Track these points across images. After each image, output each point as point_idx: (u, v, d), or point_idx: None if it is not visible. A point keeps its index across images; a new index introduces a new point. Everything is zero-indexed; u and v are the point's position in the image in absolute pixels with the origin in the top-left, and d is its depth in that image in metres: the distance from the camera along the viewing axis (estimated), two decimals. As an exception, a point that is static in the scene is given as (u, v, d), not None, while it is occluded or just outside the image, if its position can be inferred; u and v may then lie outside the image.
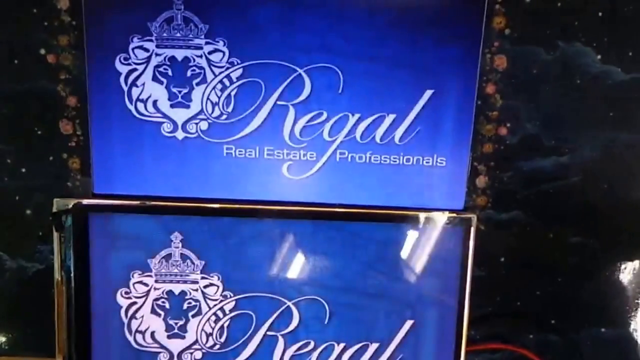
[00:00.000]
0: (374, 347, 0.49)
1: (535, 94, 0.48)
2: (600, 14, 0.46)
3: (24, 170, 0.49)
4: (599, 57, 0.47)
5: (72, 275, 0.48)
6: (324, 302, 0.49)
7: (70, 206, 0.47)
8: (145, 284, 0.48)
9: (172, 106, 0.46)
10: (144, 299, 0.48)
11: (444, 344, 0.50)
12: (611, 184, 0.50)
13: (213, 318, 0.49)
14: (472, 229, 0.48)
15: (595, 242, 0.51)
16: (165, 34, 0.45)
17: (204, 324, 0.49)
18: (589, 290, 0.52)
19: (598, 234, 0.50)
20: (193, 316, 0.49)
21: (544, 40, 0.46)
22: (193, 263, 0.48)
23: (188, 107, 0.46)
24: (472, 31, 0.46)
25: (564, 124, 0.48)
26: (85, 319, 0.49)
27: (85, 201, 0.48)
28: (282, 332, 0.49)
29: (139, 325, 0.49)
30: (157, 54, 0.45)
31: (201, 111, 0.46)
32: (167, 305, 0.49)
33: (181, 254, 0.48)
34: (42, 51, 0.46)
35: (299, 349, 0.50)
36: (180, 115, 0.47)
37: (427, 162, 0.48)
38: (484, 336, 0.52)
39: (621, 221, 0.50)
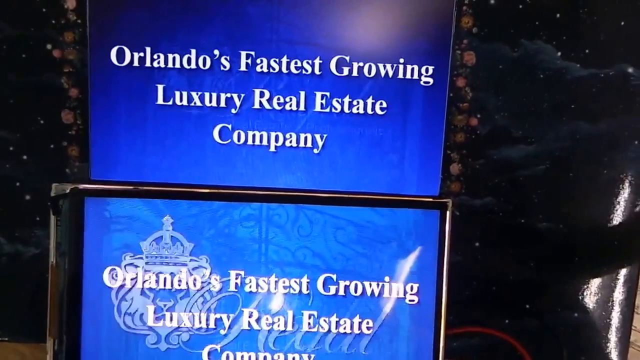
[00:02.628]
0: (356, 327, 0.51)
1: (502, 87, 0.50)
2: (558, 15, 0.50)
3: (25, 157, 0.50)
4: (559, 53, 0.50)
5: (66, 258, 0.50)
6: (306, 282, 0.51)
7: (68, 190, 0.50)
8: (136, 266, 0.50)
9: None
10: (134, 281, 0.50)
11: (424, 326, 0.51)
12: (576, 171, 0.52)
13: (200, 300, 0.50)
14: (448, 213, 0.50)
15: (563, 228, 0.52)
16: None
17: (192, 306, 0.50)
18: (559, 275, 0.53)
19: (565, 219, 0.52)
20: (181, 298, 0.50)
21: (508, 38, 0.50)
22: (182, 245, 0.50)
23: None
24: (443, 30, 0.50)
25: (529, 116, 0.51)
26: (77, 302, 0.50)
27: (82, 186, 0.50)
28: (267, 314, 0.51)
29: (128, 308, 0.50)
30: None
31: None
32: (156, 288, 0.50)
33: (171, 236, 0.49)
34: (49, 46, 0.49)
35: (284, 330, 0.51)
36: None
37: (403, 150, 0.51)
38: (461, 321, 0.53)
39: (586, 207, 0.52)
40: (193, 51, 0.49)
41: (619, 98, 0.51)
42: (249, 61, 0.49)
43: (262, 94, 0.50)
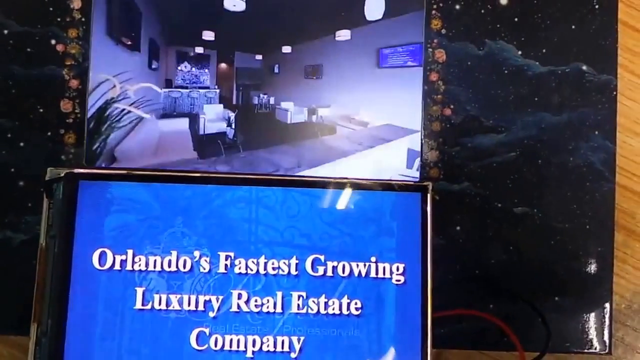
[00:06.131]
0: (344, 307, 0.51)
1: (471, 82, 0.55)
2: (516, 19, 0.56)
3: (22, 144, 0.52)
4: (519, 52, 0.56)
5: (56, 240, 0.51)
6: (295, 262, 0.52)
7: (62, 174, 0.51)
8: (126, 249, 0.50)
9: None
10: (123, 263, 0.49)
11: (411, 306, 0.52)
12: (544, 158, 0.55)
13: (191, 282, 0.51)
14: (429, 195, 0.53)
15: (537, 212, 0.55)
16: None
17: (181, 288, 0.50)
18: (538, 258, 0.55)
19: (538, 204, 0.55)
20: (171, 280, 0.50)
21: (473, 38, 0.55)
22: (174, 227, 0.51)
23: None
24: (415, 31, 0.57)
25: (497, 107, 0.55)
26: (64, 284, 0.50)
27: (76, 170, 0.52)
28: (256, 295, 0.51)
29: (116, 290, 0.49)
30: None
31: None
32: (145, 270, 0.50)
33: (165, 220, 0.51)
34: (53, 41, 0.52)
35: (273, 312, 0.51)
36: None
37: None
38: (448, 304, 0.54)
39: (556, 192, 0.55)
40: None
41: (577, 92, 0.56)
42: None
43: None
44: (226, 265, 0.50)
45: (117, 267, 0.50)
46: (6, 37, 0.52)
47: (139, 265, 0.50)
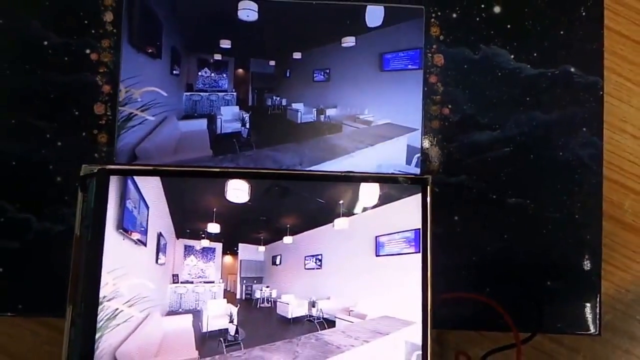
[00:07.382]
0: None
1: (468, 83, 0.59)
2: (509, 26, 0.61)
3: (59, 143, 0.57)
4: (512, 56, 0.61)
5: (89, 230, 0.56)
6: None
7: (96, 170, 0.57)
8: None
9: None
10: None
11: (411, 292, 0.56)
12: (536, 153, 0.60)
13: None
14: (429, 187, 0.58)
15: (530, 203, 0.59)
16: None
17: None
18: (531, 246, 0.59)
19: (531, 195, 0.59)
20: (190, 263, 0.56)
21: (469, 43, 0.59)
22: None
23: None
24: (415, 37, 0.62)
25: (492, 106, 0.59)
26: (96, 267, 0.55)
27: (108, 166, 0.58)
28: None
29: None
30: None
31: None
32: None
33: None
34: (87, 51, 0.58)
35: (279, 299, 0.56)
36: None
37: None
38: (446, 289, 0.59)
39: (548, 184, 0.59)
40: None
41: (566, 92, 0.61)
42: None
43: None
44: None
45: (145, 253, 0.55)
46: (46, 47, 0.58)
47: (165, 251, 0.55)
